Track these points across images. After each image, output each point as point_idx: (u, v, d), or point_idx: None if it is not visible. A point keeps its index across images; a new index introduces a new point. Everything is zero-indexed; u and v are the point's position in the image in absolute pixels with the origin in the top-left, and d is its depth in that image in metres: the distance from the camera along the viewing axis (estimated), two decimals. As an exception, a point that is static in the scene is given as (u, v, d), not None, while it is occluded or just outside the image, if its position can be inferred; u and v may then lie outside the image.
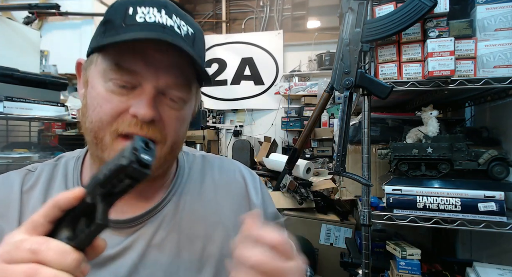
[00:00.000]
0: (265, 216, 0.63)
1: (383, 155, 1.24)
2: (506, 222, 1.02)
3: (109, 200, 0.34)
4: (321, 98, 1.37)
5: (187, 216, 0.57)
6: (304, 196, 2.05)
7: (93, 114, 0.48)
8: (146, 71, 0.47)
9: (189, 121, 0.57)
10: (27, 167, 0.58)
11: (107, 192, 0.33)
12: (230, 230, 0.58)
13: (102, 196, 0.33)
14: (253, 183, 0.66)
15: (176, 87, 0.50)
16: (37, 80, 1.80)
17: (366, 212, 1.14)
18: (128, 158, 0.31)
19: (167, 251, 0.54)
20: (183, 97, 0.51)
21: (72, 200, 0.33)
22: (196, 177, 0.62)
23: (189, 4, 4.71)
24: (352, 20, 1.14)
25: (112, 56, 0.47)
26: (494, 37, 1.08)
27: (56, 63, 3.18)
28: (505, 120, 1.29)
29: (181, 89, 0.50)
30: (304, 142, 1.67)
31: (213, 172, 0.64)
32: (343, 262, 1.53)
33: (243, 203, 0.62)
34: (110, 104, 0.47)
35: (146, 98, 0.47)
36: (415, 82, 1.11)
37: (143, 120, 0.47)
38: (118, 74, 0.47)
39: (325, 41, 3.99)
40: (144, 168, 0.32)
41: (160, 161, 0.52)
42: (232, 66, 4.42)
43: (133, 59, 0.47)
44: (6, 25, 2.01)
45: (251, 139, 4.02)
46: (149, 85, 0.48)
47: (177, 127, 0.52)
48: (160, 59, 0.48)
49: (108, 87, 0.48)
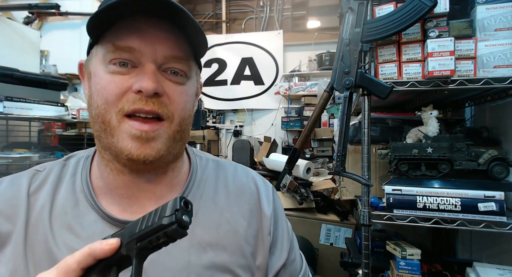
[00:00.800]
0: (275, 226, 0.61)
1: (383, 155, 1.24)
2: (506, 222, 1.02)
3: (143, 255, 0.36)
4: (321, 98, 1.37)
5: (200, 222, 0.55)
6: (304, 196, 2.04)
7: (98, 98, 0.49)
8: (143, 46, 0.47)
9: (194, 102, 0.57)
10: (35, 167, 0.58)
11: (142, 247, 0.35)
12: (242, 239, 0.57)
13: (138, 250, 0.35)
14: (266, 192, 0.64)
15: (174, 59, 0.50)
16: (37, 80, 1.80)
17: (366, 212, 1.14)
18: (170, 219, 0.33)
19: (178, 256, 0.52)
20: (183, 70, 0.51)
21: (108, 252, 0.35)
22: (210, 183, 0.61)
23: (189, 4, 4.71)
24: (352, 20, 1.14)
25: (109, 39, 0.48)
26: (494, 37, 1.08)
27: (56, 63, 3.18)
28: (505, 120, 1.29)
29: (180, 61, 0.50)
30: (304, 142, 1.67)
31: (226, 179, 0.63)
32: (343, 262, 1.53)
33: (254, 211, 0.60)
34: (113, 84, 0.48)
35: (148, 73, 0.47)
36: (415, 82, 1.11)
37: (147, 93, 0.47)
38: (116, 53, 0.48)
39: (325, 41, 4.00)
40: (183, 229, 0.34)
41: (170, 141, 0.51)
42: (232, 66, 4.42)
43: (129, 36, 0.47)
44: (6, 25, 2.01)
45: (251, 139, 4.02)
46: (148, 60, 0.48)
47: (183, 102, 0.52)
48: (154, 33, 0.48)
49: (109, 70, 0.48)
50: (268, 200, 0.63)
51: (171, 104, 0.50)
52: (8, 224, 0.51)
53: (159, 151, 0.49)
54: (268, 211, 0.61)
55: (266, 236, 0.59)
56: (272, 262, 0.59)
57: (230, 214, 0.58)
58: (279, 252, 0.60)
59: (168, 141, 0.51)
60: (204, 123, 4.05)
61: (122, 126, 0.48)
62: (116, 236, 0.37)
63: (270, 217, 0.61)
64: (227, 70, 4.44)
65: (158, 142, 0.49)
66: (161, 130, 0.49)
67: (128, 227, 0.36)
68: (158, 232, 0.33)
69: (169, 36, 0.49)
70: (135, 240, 0.35)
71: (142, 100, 0.47)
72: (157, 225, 0.33)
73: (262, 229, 0.59)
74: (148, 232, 0.34)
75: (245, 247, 0.57)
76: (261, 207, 0.61)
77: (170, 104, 0.50)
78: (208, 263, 0.53)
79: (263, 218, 0.60)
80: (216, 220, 0.57)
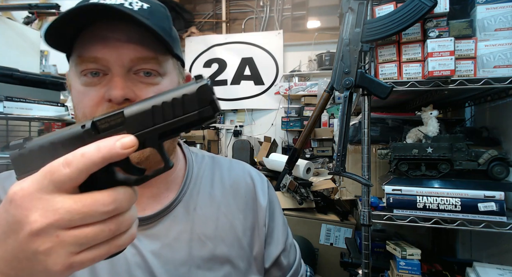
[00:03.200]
0: (270, 218, 0.63)
1: (383, 155, 1.24)
2: (506, 222, 1.02)
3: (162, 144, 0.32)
4: (321, 98, 1.37)
5: (198, 217, 0.57)
6: (304, 196, 2.04)
7: (77, 111, 0.50)
8: (107, 54, 0.47)
9: None
10: None
11: (165, 137, 0.31)
12: (239, 231, 0.59)
13: (161, 142, 0.31)
14: (261, 184, 0.66)
15: (141, 60, 0.49)
16: (37, 80, 1.79)
17: (366, 212, 1.14)
18: (208, 110, 0.29)
19: (179, 250, 0.54)
20: (154, 69, 0.50)
21: (126, 155, 0.29)
22: (206, 178, 0.63)
23: (189, 4, 4.70)
24: (352, 20, 1.14)
25: (76, 51, 0.49)
26: (494, 37, 1.08)
27: (56, 63, 3.18)
28: (505, 120, 1.29)
29: (148, 61, 0.49)
30: (304, 142, 1.67)
31: (222, 173, 0.65)
32: (343, 262, 1.53)
33: (250, 203, 0.63)
34: (87, 97, 0.48)
35: (115, 80, 0.47)
36: (415, 82, 1.11)
37: (116, 100, 0.46)
38: (83, 65, 0.48)
39: (325, 41, 3.99)
40: (218, 112, 0.30)
41: None
42: (232, 66, 4.41)
43: (92, 45, 0.47)
44: (6, 25, 2.01)
45: (251, 139, 4.02)
46: (115, 67, 0.48)
47: None
48: (117, 37, 0.47)
49: (82, 82, 0.49)
50: (264, 193, 0.65)
51: None
52: None
53: (142, 152, 0.49)
54: (264, 203, 0.63)
55: (261, 227, 0.62)
56: (269, 252, 0.62)
57: (227, 208, 0.60)
58: (276, 242, 0.63)
59: None
60: (204, 123, 4.03)
61: None
62: (122, 131, 0.31)
63: (265, 209, 0.63)
64: (227, 70, 4.44)
65: None
66: None
67: (134, 118, 0.30)
68: (191, 121, 0.29)
69: (132, 37, 0.48)
70: (157, 134, 0.30)
71: (114, 107, 0.47)
72: (193, 115, 0.29)
73: (258, 221, 0.62)
74: (180, 124, 0.29)
75: (242, 239, 0.59)
76: (257, 200, 0.63)
77: None
78: (208, 255, 0.55)
79: (258, 210, 0.63)
80: (214, 214, 0.59)
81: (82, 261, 0.29)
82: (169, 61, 0.53)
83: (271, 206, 0.65)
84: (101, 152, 0.28)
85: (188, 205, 0.58)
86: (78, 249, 0.28)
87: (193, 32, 4.53)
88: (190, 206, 0.58)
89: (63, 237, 0.27)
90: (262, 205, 0.63)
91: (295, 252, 0.69)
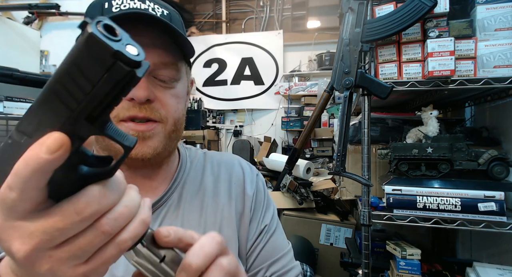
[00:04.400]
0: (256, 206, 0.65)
1: (383, 155, 1.24)
2: (506, 222, 1.02)
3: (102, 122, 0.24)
4: (321, 98, 1.37)
5: (188, 205, 0.60)
6: (304, 196, 2.04)
7: None
8: None
9: (185, 99, 0.60)
10: None
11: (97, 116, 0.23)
12: (225, 217, 0.61)
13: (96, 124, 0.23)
14: (251, 175, 0.69)
15: (163, 66, 0.52)
16: (37, 80, 1.79)
17: (366, 212, 1.14)
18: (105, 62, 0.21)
19: None
20: (172, 76, 0.53)
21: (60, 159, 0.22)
22: (198, 169, 0.66)
23: (189, 4, 4.70)
24: (352, 20, 1.14)
25: None
26: (494, 37, 1.08)
27: (56, 63, 3.18)
28: (505, 120, 1.29)
29: (169, 67, 0.53)
30: (304, 142, 1.67)
31: (212, 164, 0.68)
32: (343, 262, 1.53)
33: (238, 191, 0.65)
34: None
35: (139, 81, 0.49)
36: (415, 82, 1.11)
37: (139, 100, 0.49)
38: None
39: (325, 41, 3.99)
40: (135, 65, 0.23)
41: (166, 140, 0.54)
42: (232, 66, 4.41)
43: None
44: (6, 25, 2.01)
45: (251, 139, 4.02)
46: None
47: (174, 104, 0.55)
48: (142, 41, 0.49)
49: None
50: (252, 182, 0.67)
51: (163, 107, 0.53)
52: None
53: (156, 149, 0.53)
54: (251, 192, 0.66)
55: (247, 213, 0.64)
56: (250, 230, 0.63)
57: (216, 195, 0.63)
58: (257, 221, 0.64)
59: (164, 140, 0.54)
60: (204, 123, 4.04)
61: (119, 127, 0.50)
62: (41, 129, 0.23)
63: (252, 196, 0.66)
64: (227, 70, 4.44)
65: (155, 140, 0.53)
66: (157, 130, 0.53)
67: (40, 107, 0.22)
68: (109, 89, 0.22)
69: (156, 42, 0.51)
70: (81, 117, 0.22)
71: (136, 107, 0.50)
72: (103, 82, 0.21)
73: (244, 208, 0.64)
74: (97, 98, 0.22)
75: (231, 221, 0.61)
76: (245, 187, 0.66)
77: (162, 107, 0.53)
78: None
79: (245, 198, 0.65)
80: (204, 202, 0.61)
81: (93, 268, 0.26)
82: (183, 66, 0.57)
83: (258, 195, 0.67)
84: (29, 166, 0.22)
85: (181, 194, 0.60)
86: (81, 260, 0.25)
87: (193, 32, 4.53)
88: (182, 196, 0.60)
89: (56, 255, 0.25)
90: (249, 194, 0.65)
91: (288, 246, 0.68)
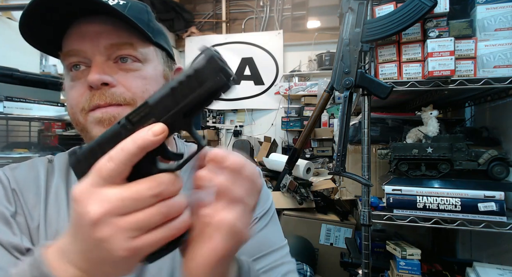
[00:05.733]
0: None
1: (383, 155, 1.24)
2: (506, 222, 1.02)
3: (190, 122, 0.33)
4: (321, 98, 1.37)
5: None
6: (304, 196, 2.04)
7: (68, 106, 0.54)
8: (83, 45, 0.50)
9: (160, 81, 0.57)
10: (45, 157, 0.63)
11: (190, 116, 0.32)
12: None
13: (188, 121, 0.33)
14: None
15: (115, 46, 0.51)
16: (37, 80, 1.80)
17: (366, 212, 1.14)
18: (220, 80, 0.31)
19: None
20: (130, 55, 0.52)
21: (159, 142, 0.31)
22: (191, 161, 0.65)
23: (189, 4, 4.70)
24: (352, 20, 1.14)
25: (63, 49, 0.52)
26: (494, 37, 1.08)
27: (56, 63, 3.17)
28: (505, 120, 1.29)
29: (122, 47, 0.51)
30: (304, 142, 1.67)
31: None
32: (343, 262, 1.53)
33: None
34: (74, 90, 0.52)
35: (93, 66, 0.50)
36: (415, 82, 1.11)
37: (92, 84, 0.49)
38: (66, 59, 0.51)
39: (325, 41, 3.99)
40: (233, 81, 0.32)
41: None
42: (232, 66, 4.41)
43: (71, 40, 0.51)
44: (6, 25, 2.01)
45: (251, 139, 4.02)
46: (93, 56, 0.50)
47: (141, 86, 0.52)
48: (93, 30, 0.50)
49: (70, 78, 0.52)
50: None
51: (128, 91, 0.51)
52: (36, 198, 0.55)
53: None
54: None
55: None
56: None
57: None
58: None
59: None
60: (204, 123, 4.05)
61: (88, 119, 0.51)
62: (151, 120, 0.32)
63: None
64: (227, 70, 4.44)
65: None
66: (125, 111, 0.50)
67: (158, 104, 0.32)
68: (209, 93, 0.31)
69: (106, 27, 0.50)
70: (181, 113, 0.32)
71: (95, 95, 0.50)
72: (207, 86, 0.30)
73: None
74: (199, 98, 0.31)
75: None
76: None
77: (127, 91, 0.51)
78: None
79: None
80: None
81: (143, 244, 0.31)
82: (150, 49, 0.55)
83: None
84: (136, 143, 0.30)
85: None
86: (136, 233, 0.30)
87: (193, 32, 4.53)
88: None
89: (119, 223, 0.30)
90: None
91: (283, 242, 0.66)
